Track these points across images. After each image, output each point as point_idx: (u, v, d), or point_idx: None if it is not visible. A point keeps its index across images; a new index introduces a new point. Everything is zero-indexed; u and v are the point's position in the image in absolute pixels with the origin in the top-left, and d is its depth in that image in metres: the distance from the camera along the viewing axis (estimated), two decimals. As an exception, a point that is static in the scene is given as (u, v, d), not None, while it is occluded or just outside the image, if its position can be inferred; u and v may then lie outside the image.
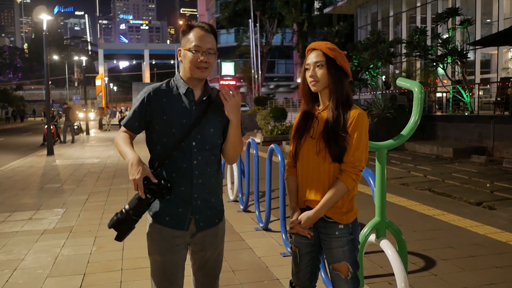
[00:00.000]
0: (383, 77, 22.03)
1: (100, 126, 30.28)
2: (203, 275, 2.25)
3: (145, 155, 2.06)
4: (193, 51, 2.04)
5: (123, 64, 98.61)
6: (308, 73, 2.19)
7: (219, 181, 2.21)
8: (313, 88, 2.18)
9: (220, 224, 2.21)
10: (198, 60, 2.04)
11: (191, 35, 2.06)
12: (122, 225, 2.00)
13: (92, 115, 31.25)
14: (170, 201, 2.07)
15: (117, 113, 31.38)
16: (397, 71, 24.55)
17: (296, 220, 2.18)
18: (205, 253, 2.19)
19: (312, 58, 2.18)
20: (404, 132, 2.67)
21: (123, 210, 2.00)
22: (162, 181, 1.97)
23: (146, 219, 2.17)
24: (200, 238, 2.15)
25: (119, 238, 2.04)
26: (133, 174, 1.91)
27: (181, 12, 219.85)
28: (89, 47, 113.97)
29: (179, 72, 2.17)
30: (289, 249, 4.33)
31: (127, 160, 1.98)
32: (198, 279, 2.27)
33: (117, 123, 27.34)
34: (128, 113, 2.16)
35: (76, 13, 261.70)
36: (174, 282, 2.13)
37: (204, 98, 2.11)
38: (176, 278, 2.14)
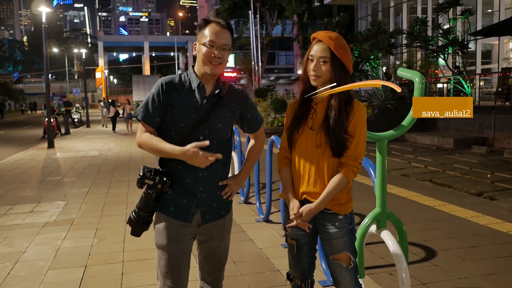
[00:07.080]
0: (384, 68, 21.97)
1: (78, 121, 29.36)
2: (209, 266, 2.25)
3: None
4: (208, 46, 2.03)
5: (123, 56, 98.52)
6: (311, 65, 2.13)
7: (226, 174, 2.20)
8: (313, 83, 2.15)
9: (227, 216, 2.22)
10: (212, 55, 2.03)
11: (207, 30, 2.05)
12: (135, 222, 2.10)
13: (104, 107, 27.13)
14: (176, 191, 2.08)
15: (101, 104, 24.56)
16: (397, 62, 24.49)
17: (297, 213, 2.13)
18: (212, 243, 2.19)
19: (317, 50, 2.11)
20: (405, 123, 2.66)
21: (135, 208, 2.10)
22: (158, 177, 1.99)
23: None
24: (207, 229, 2.15)
25: (135, 233, 2.14)
26: (198, 158, 1.95)
27: (181, 3, 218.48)
28: (89, 40, 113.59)
29: (193, 66, 2.16)
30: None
31: (177, 153, 1.98)
32: (204, 269, 2.27)
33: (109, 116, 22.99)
34: (141, 109, 2.10)
35: (76, 5, 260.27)
36: (180, 271, 2.12)
37: (215, 93, 2.11)
38: (182, 268, 2.14)
